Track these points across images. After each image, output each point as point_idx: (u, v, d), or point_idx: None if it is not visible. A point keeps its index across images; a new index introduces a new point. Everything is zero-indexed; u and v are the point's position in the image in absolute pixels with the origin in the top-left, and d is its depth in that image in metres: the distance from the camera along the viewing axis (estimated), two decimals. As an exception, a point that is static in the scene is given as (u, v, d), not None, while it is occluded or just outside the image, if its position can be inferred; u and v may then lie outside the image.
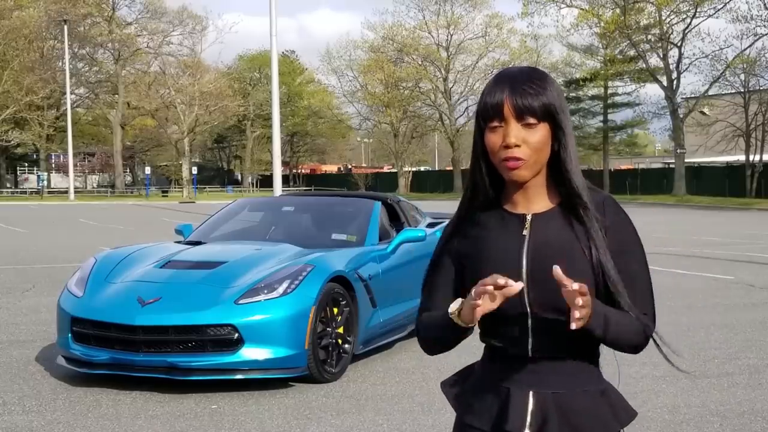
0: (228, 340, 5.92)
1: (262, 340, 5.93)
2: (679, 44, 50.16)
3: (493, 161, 1.86)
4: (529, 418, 1.84)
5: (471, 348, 2.39)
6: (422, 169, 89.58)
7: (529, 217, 1.89)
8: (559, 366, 1.86)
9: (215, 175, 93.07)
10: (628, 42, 52.50)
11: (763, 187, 46.83)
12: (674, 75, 50.67)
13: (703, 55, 50.83)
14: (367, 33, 71.67)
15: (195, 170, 66.39)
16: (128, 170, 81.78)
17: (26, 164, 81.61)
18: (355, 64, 71.31)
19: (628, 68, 56.08)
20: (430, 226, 8.49)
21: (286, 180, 75.22)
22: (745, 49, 47.98)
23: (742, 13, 47.85)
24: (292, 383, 6.20)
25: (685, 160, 50.93)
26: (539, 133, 1.82)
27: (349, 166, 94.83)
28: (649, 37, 51.96)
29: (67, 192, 58.23)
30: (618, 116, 65.61)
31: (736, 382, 6.20)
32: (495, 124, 1.83)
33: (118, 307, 6.11)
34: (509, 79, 1.83)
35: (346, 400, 5.81)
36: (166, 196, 62.88)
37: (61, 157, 72.69)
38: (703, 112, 52.24)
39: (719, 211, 36.79)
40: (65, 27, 58.67)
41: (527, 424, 1.84)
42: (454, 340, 1.92)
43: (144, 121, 72.50)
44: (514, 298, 1.84)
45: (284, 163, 71.02)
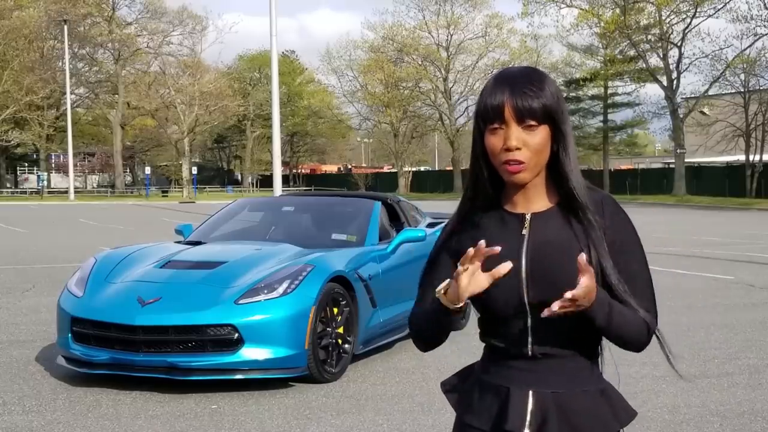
0: (228, 340, 5.92)
1: (262, 340, 5.94)
2: (679, 44, 50.17)
3: (494, 163, 1.86)
4: (528, 417, 1.84)
5: (471, 348, 2.39)
6: (422, 169, 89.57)
7: (528, 217, 1.89)
8: (559, 365, 1.86)
9: (215, 175, 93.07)
10: (628, 42, 52.50)
11: (763, 187, 46.83)
12: (674, 75, 50.69)
13: (703, 55, 50.93)
14: (367, 33, 71.80)
15: (195, 170, 66.40)
16: (128, 170, 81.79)
17: (26, 164, 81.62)
18: (355, 64, 71.37)
19: (628, 68, 56.07)
20: (430, 226, 8.49)
21: (286, 180, 75.20)
22: (745, 49, 48.06)
23: (742, 13, 47.97)
24: (292, 383, 6.20)
25: (685, 160, 50.94)
26: (539, 136, 1.82)
27: (349, 166, 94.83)
28: (649, 37, 51.97)
29: (67, 192, 58.23)
30: (618, 116, 65.74)
31: (736, 382, 6.21)
32: (495, 126, 1.83)
33: (118, 307, 6.11)
34: (509, 80, 1.83)
35: (346, 400, 5.81)
36: (166, 196, 62.88)
37: (61, 157, 72.69)
38: (703, 112, 52.24)
39: (719, 211, 36.79)
40: (65, 27, 58.69)
41: (527, 423, 1.84)
42: (443, 329, 1.89)
43: (144, 121, 72.51)
44: (514, 298, 1.85)
45: (284, 163, 71.01)
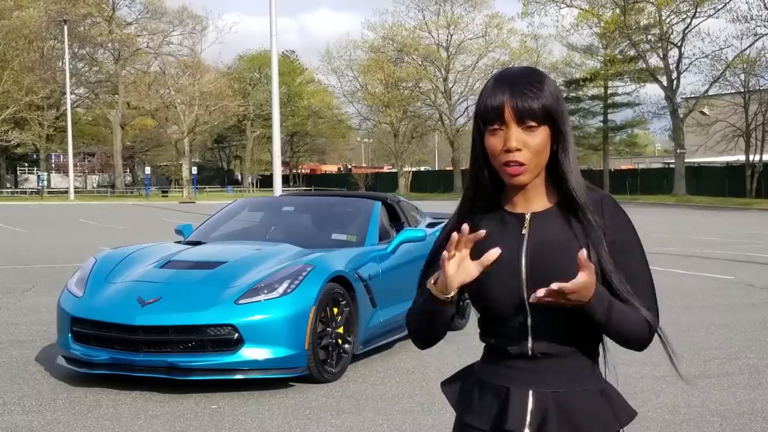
0: (228, 340, 5.92)
1: (262, 340, 5.94)
2: (679, 44, 50.17)
3: (494, 164, 1.86)
4: (528, 417, 1.84)
5: (471, 348, 2.39)
6: (422, 169, 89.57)
7: (527, 216, 1.90)
8: (559, 365, 1.86)
9: (215, 175, 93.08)
10: (628, 42, 52.51)
11: (763, 187, 46.83)
12: (674, 75, 50.70)
13: (703, 55, 50.94)
14: (367, 33, 71.78)
15: (195, 170, 66.39)
16: (128, 170, 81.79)
17: (26, 164, 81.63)
18: (355, 64, 71.37)
19: (628, 68, 56.07)
20: (430, 226, 8.49)
21: (286, 180, 75.20)
22: (745, 49, 48.07)
23: (742, 13, 47.96)
24: (292, 383, 6.20)
25: (685, 160, 50.94)
26: (539, 137, 1.82)
27: (349, 166, 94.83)
28: (649, 37, 51.97)
29: (67, 192, 58.24)
30: (618, 116, 65.74)
31: (736, 382, 6.20)
32: (495, 127, 1.83)
33: (118, 307, 6.11)
34: (509, 81, 1.82)
35: (346, 400, 5.81)
36: (166, 196, 62.88)
37: (61, 157, 72.71)
38: (703, 112, 52.24)
39: (719, 211, 36.79)
40: (65, 27, 58.69)
41: (527, 423, 1.83)
42: (437, 323, 1.88)
43: (144, 121, 72.51)
44: (514, 298, 1.85)
45: (284, 163, 71.01)
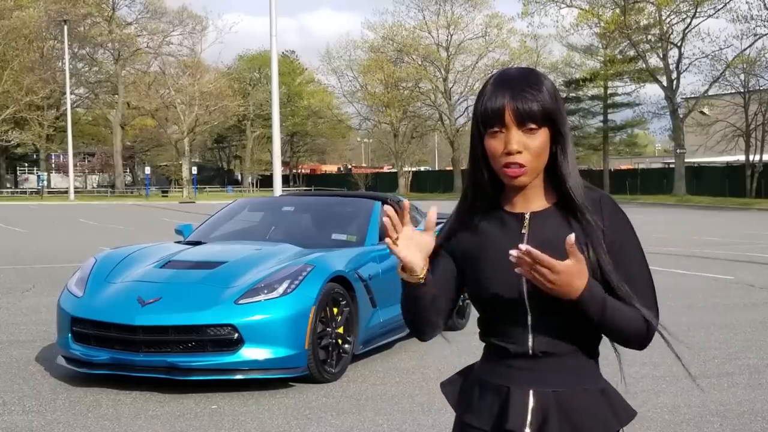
0: (228, 340, 5.92)
1: (262, 340, 5.93)
2: (679, 44, 50.18)
3: (494, 166, 1.87)
4: (529, 416, 1.84)
5: (471, 348, 2.39)
6: (422, 169, 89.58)
7: (527, 216, 1.90)
8: (559, 364, 1.86)
9: (215, 175, 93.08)
10: (628, 42, 52.50)
11: (763, 187, 46.83)
12: (674, 75, 50.70)
13: (703, 55, 50.96)
14: (367, 33, 71.83)
15: (195, 170, 66.40)
16: (128, 170, 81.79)
17: (26, 164, 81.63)
18: (355, 64, 71.37)
19: (628, 68, 56.08)
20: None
21: (286, 180, 75.22)
22: (745, 49, 48.09)
23: (742, 13, 48.13)
24: (292, 383, 6.20)
25: (685, 160, 50.94)
26: (539, 139, 1.82)
27: (349, 166, 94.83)
28: (649, 37, 51.98)
29: (67, 192, 58.25)
30: (618, 116, 65.74)
31: (736, 382, 6.20)
32: (495, 130, 1.83)
33: (118, 307, 6.11)
34: (509, 83, 1.82)
35: (346, 400, 5.81)
36: (166, 196, 62.89)
37: (61, 157, 72.72)
38: (703, 112, 52.25)
39: (719, 211, 36.79)
40: (65, 27, 58.71)
41: (528, 422, 1.83)
42: (420, 307, 1.89)
43: (144, 121, 72.52)
44: (514, 296, 1.85)
45: (284, 163, 71.05)
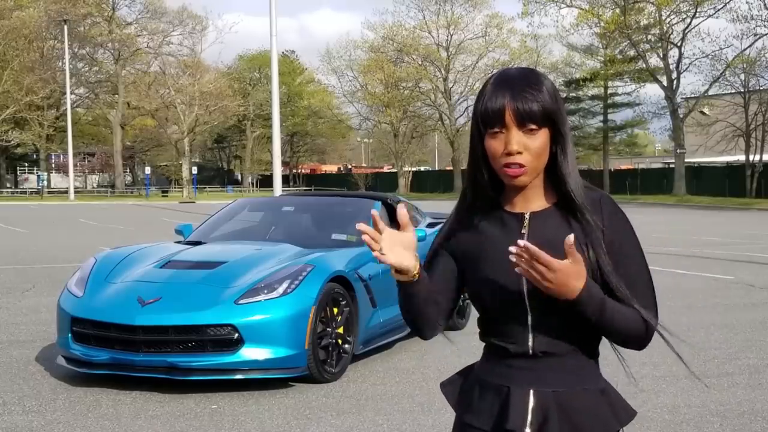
0: (228, 340, 5.92)
1: (262, 340, 5.93)
2: (679, 44, 50.17)
3: (494, 166, 1.87)
4: (530, 416, 1.84)
5: (471, 348, 2.39)
6: (422, 169, 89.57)
7: (527, 216, 1.90)
8: (559, 363, 1.86)
9: (215, 175, 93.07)
10: (628, 42, 52.51)
11: (763, 187, 46.83)
12: (674, 75, 50.69)
13: (703, 55, 50.94)
14: (367, 33, 71.82)
15: (195, 170, 66.39)
16: (128, 170, 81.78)
17: (26, 164, 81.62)
18: (355, 64, 71.38)
19: (628, 68, 56.08)
20: (430, 226, 8.50)
21: (286, 180, 75.23)
22: (745, 49, 48.07)
23: (742, 13, 48.09)
24: (292, 383, 6.20)
25: (685, 160, 50.93)
26: (540, 139, 1.82)
27: (349, 166, 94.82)
28: (649, 37, 51.97)
29: (67, 192, 58.24)
30: (618, 116, 65.74)
31: (736, 382, 6.20)
32: (496, 130, 1.83)
33: (118, 307, 6.11)
34: (509, 84, 1.82)
35: (346, 400, 5.81)
36: (166, 196, 62.88)
37: (61, 157, 72.71)
38: (703, 112, 52.25)
39: (719, 211, 36.79)
40: (65, 27, 58.70)
41: (528, 422, 1.83)
42: (417, 303, 1.89)
43: (144, 121, 72.52)
44: (514, 296, 1.85)
45: (284, 163, 71.05)
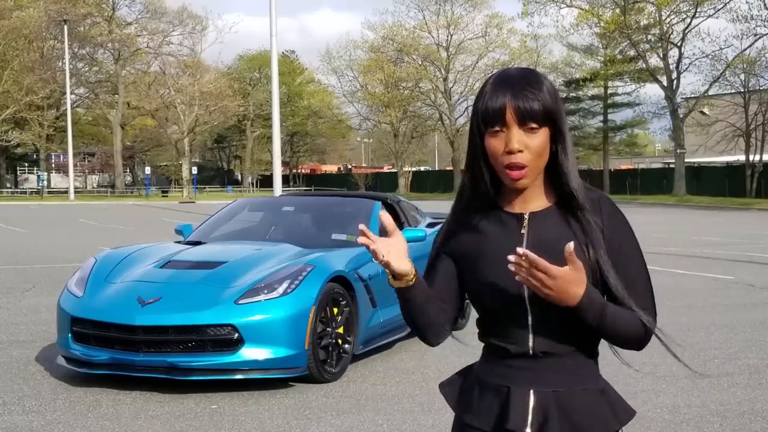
0: (228, 340, 5.92)
1: (262, 340, 5.93)
2: (679, 44, 50.16)
3: (494, 165, 1.87)
4: (530, 416, 1.84)
5: (471, 348, 2.39)
6: (422, 169, 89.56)
7: (526, 216, 1.90)
8: (559, 363, 1.86)
9: (215, 175, 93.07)
10: (628, 42, 52.49)
11: (763, 187, 46.83)
12: (674, 75, 50.68)
13: (703, 55, 50.93)
14: (367, 33, 71.86)
15: (195, 170, 66.40)
16: (128, 170, 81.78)
17: (26, 164, 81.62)
18: (355, 64, 71.37)
19: (628, 68, 56.08)
20: (430, 226, 8.49)
21: (286, 180, 75.23)
22: (745, 49, 48.06)
23: (742, 13, 48.08)
24: (292, 383, 6.20)
25: (685, 160, 50.93)
26: (540, 138, 1.82)
27: (349, 166, 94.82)
28: (649, 37, 51.97)
29: (67, 192, 58.24)
30: (618, 116, 65.74)
31: (736, 382, 6.20)
32: (496, 129, 1.83)
33: (118, 307, 6.11)
34: (509, 83, 1.82)
35: (346, 400, 5.81)
36: (166, 196, 62.89)
37: (61, 157, 72.70)
38: (703, 112, 52.25)
39: (719, 211, 36.78)
40: (65, 27, 58.71)
41: (528, 422, 1.83)
42: (416, 308, 1.95)
43: (144, 121, 72.52)
44: (514, 297, 1.85)
45: (284, 163, 71.05)
